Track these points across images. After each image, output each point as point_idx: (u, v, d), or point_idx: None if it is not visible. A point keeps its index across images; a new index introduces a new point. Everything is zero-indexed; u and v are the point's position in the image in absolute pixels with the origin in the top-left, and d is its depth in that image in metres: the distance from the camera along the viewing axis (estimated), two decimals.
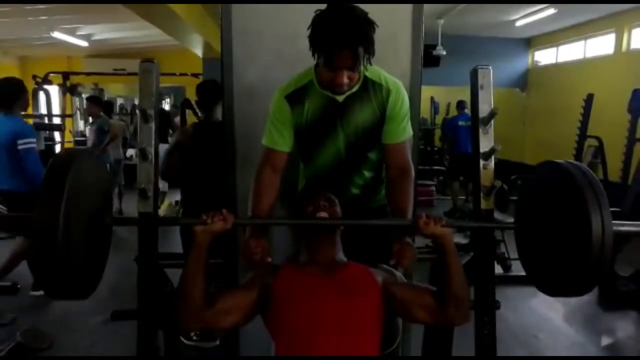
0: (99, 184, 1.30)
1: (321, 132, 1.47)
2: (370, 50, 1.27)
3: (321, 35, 1.26)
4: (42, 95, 7.33)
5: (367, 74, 1.42)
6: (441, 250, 1.25)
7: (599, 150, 4.97)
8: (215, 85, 2.43)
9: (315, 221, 1.33)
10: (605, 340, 2.94)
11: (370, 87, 1.43)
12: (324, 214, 1.32)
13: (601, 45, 7.12)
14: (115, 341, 2.62)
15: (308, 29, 1.28)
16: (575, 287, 1.25)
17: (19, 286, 3.39)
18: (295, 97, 1.44)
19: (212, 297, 1.22)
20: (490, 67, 1.52)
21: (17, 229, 2.92)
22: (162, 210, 3.81)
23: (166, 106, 10.21)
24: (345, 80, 1.31)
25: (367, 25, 1.25)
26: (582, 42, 7.55)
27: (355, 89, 1.41)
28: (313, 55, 1.30)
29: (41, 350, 2.55)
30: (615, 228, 1.16)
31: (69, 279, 1.12)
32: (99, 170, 1.35)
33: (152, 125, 1.44)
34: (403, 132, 1.48)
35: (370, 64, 1.31)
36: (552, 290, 1.34)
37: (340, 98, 1.42)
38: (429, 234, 1.24)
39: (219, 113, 2.37)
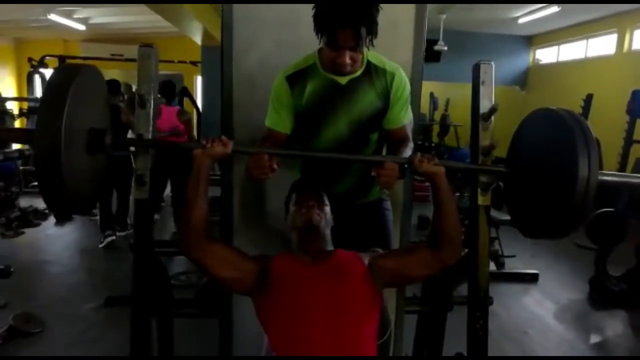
0: (101, 103, 1.30)
1: (321, 114, 1.46)
2: (373, 30, 1.26)
3: (324, 14, 1.25)
4: (37, 79, 7.24)
5: (369, 58, 1.42)
6: (435, 189, 1.30)
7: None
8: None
9: (315, 154, 1.47)
10: (594, 338, 2.97)
11: (373, 71, 1.43)
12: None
13: (603, 45, 7.11)
14: (108, 327, 2.62)
15: (313, 8, 1.27)
16: (556, 228, 1.29)
17: (11, 269, 3.39)
18: (296, 78, 1.44)
19: (218, 238, 1.25)
20: (492, 63, 1.51)
21: (23, 142, 3.39)
22: None
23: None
24: (348, 60, 1.30)
25: (371, 6, 1.25)
26: (584, 41, 7.54)
27: (358, 73, 1.41)
28: (316, 34, 1.29)
29: (33, 335, 2.54)
30: (600, 177, 1.19)
31: (68, 193, 1.13)
32: (101, 88, 1.36)
33: (150, 110, 1.43)
34: (404, 117, 1.50)
35: (373, 45, 1.30)
36: (534, 231, 1.39)
37: (343, 81, 1.41)
38: (423, 171, 1.28)
39: None
